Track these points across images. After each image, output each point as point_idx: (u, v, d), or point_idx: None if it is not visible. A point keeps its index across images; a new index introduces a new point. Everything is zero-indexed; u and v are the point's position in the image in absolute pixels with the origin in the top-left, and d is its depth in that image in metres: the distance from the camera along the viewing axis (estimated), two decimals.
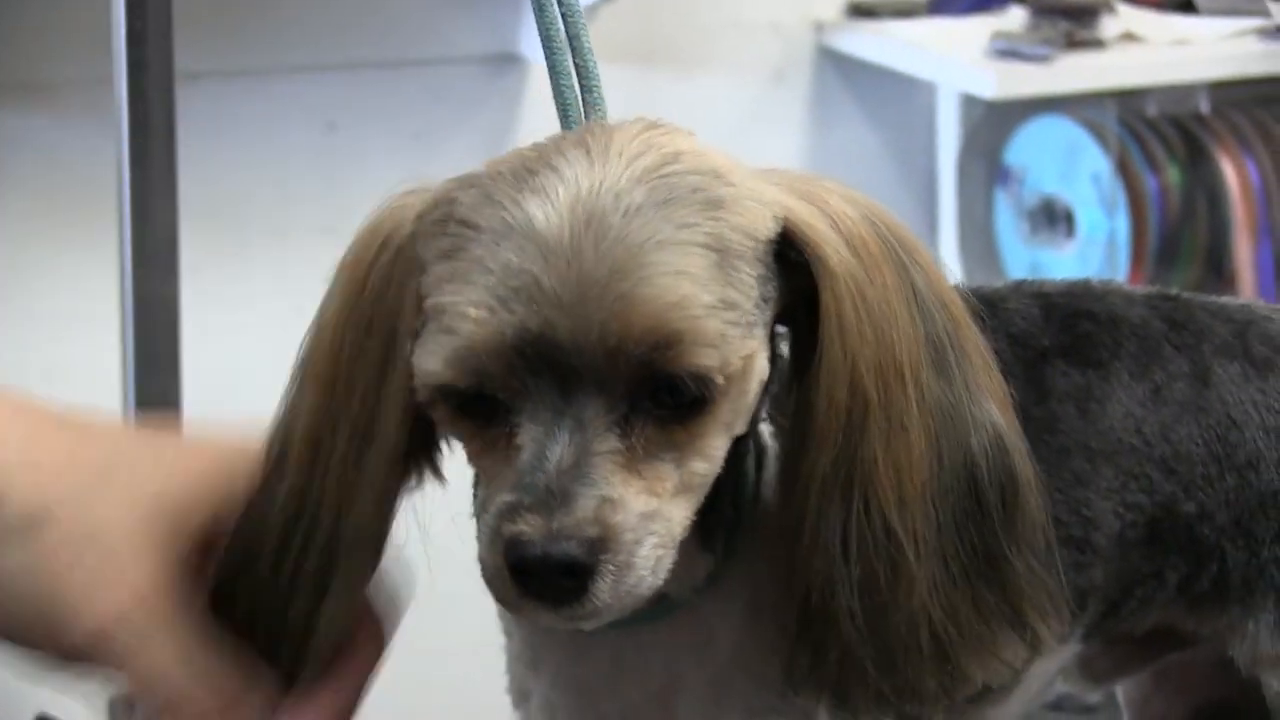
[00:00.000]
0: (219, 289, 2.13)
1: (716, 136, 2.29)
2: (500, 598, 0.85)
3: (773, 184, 0.88)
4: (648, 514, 0.84)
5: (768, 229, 0.86)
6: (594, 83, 0.93)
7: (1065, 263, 2.59)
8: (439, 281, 0.84)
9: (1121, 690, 1.31)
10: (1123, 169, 2.56)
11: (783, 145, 2.61)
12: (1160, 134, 2.59)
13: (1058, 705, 1.90)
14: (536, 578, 0.83)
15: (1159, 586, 1.09)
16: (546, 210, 0.82)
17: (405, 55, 2.34)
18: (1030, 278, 1.10)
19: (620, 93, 0.98)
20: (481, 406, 0.85)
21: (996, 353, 0.94)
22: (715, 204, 0.84)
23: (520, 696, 1.04)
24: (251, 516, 0.89)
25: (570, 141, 0.86)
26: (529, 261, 0.82)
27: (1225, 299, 1.12)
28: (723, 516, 0.91)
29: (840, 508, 0.88)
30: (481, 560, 0.85)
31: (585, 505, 0.82)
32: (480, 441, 0.86)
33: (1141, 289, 1.10)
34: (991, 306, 1.03)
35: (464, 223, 0.84)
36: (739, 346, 0.85)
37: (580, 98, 0.94)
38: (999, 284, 1.07)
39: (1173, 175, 2.58)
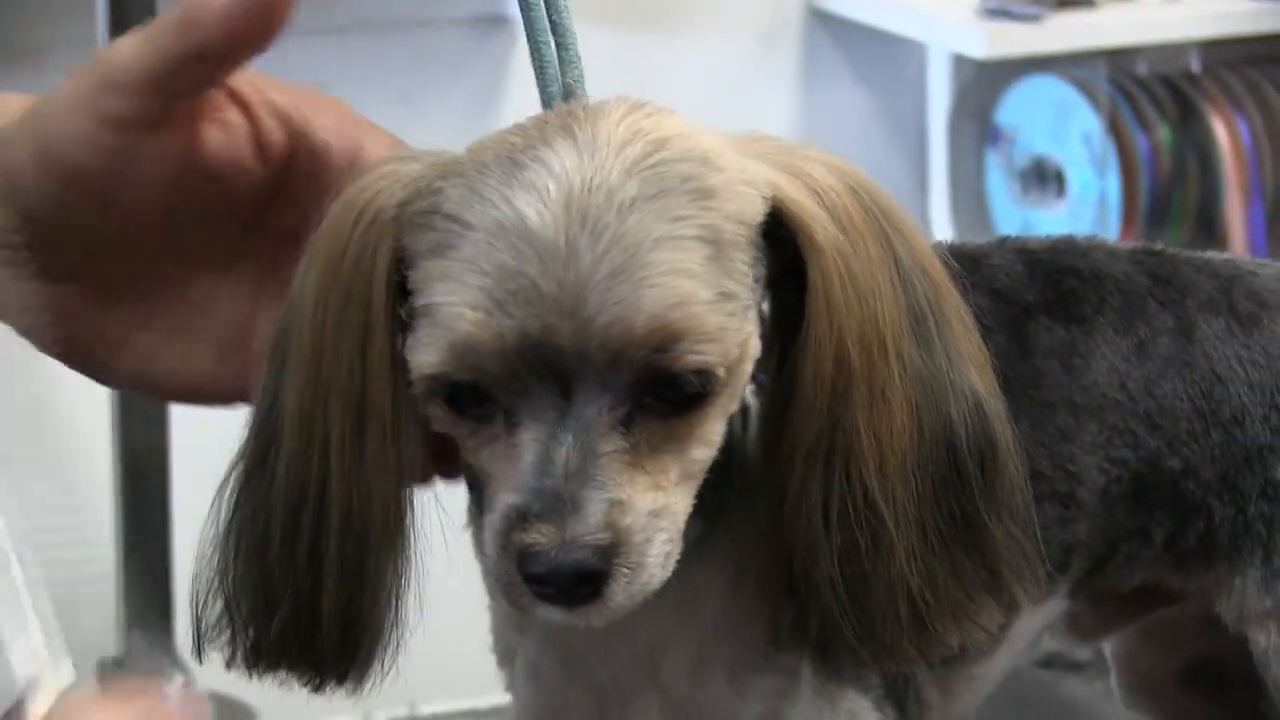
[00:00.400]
0: None
1: (705, 99, 2.29)
2: (512, 603, 0.85)
3: (758, 159, 0.87)
4: (655, 511, 0.84)
5: (758, 212, 0.85)
6: (569, 40, 0.92)
7: (1056, 223, 2.59)
8: (429, 279, 0.83)
9: (1109, 646, 1.31)
10: (1114, 129, 2.56)
11: (772, 107, 2.60)
12: (1151, 93, 2.58)
13: (1047, 662, 1.91)
14: (551, 585, 0.83)
15: (1145, 543, 1.09)
16: (539, 209, 0.81)
17: (393, 17, 2.34)
18: (1015, 235, 1.10)
19: (608, 55, 0.98)
20: (479, 404, 0.84)
21: (979, 309, 0.94)
22: (707, 194, 0.84)
23: (505, 657, 1.04)
24: (251, 496, 0.89)
25: (554, 127, 0.85)
26: (525, 264, 0.81)
27: (1210, 254, 1.12)
28: (711, 481, 0.91)
29: (823, 478, 0.88)
30: (491, 564, 0.85)
31: (595, 511, 0.82)
32: (478, 439, 0.85)
33: (1126, 244, 1.10)
34: (974, 263, 1.03)
35: (451, 218, 0.83)
36: (736, 335, 0.85)
37: (557, 56, 0.93)
38: (982, 241, 1.07)
39: (1164, 135, 2.58)
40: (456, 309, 0.81)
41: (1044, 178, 2.63)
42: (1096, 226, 2.53)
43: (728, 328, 0.84)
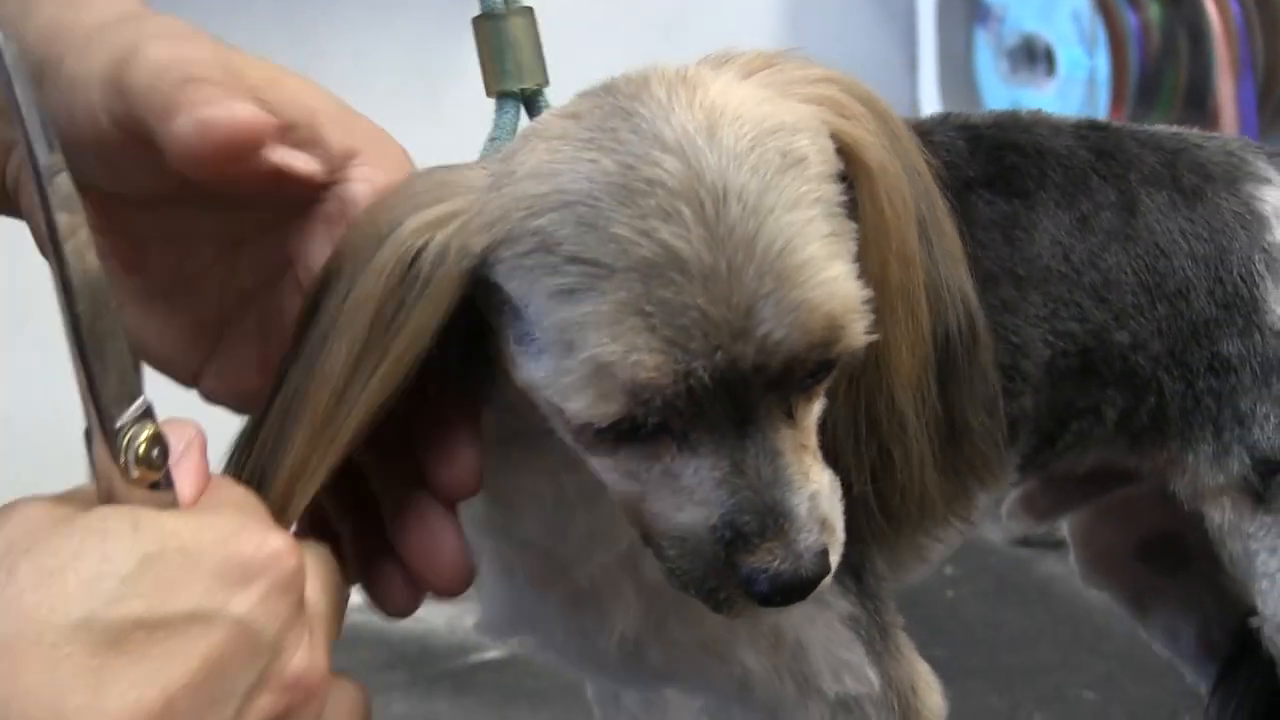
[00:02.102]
0: None
1: None
2: (717, 609, 0.84)
3: (795, 99, 0.84)
4: (831, 484, 0.84)
5: (834, 159, 0.84)
6: None
7: (1045, 102, 2.57)
8: (568, 326, 0.79)
9: (1067, 524, 1.32)
10: (1103, 6, 2.54)
11: None
12: None
13: (1025, 541, 1.92)
14: (780, 598, 0.82)
15: (1097, 422, 1.09)
16: (683, 235, 0.78)
17: None
18: (959, 111, 1.09)
19: None
20: (639, 433, 0.82)
21: None
22: (803, 161, 0.81)
23: None
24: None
25: (630, 131, 0.81)
26: (689, 295, 0.78)
27: (1159, 127, 1.11)
28: None
29: (864, 395, 0.88)
30: (691, 577, 0.84)
31: (808, 516, 0.82)
32: (638, 466, 0.84)
33: (1071, 119, 1.09)
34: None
35: (578, 260, 0.79)
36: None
37: None
38: (925, 117, 1.07)
39: (1154, 12, 2.55)
40: (631, 356, 0.78)
41: (1033, 56, 2.61)
42: (1085, 105, 2.52)
43: (862, 293, 0.82)
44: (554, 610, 1.00)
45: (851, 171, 0.84)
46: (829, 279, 0.80)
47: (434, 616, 1.87)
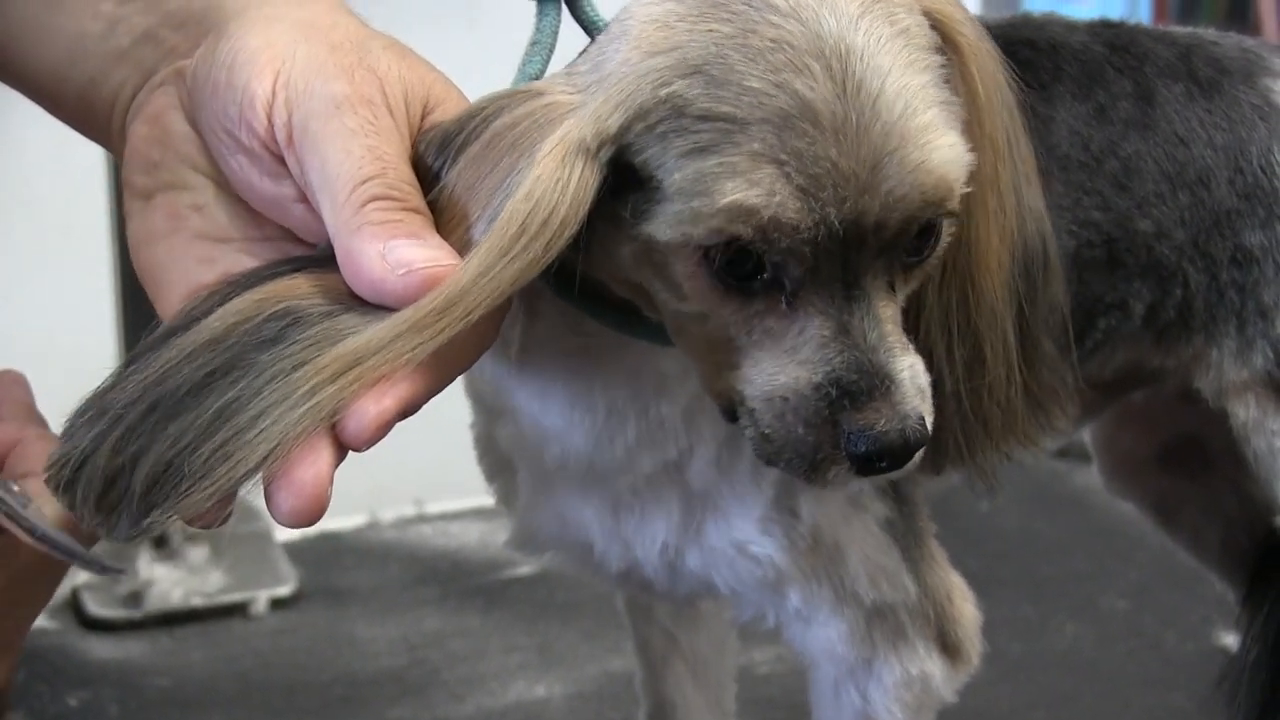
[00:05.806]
0: None
1: None
2: (810, 476, 0.84)
3: None
4: (920, 360, 0.84)
5: (933, 36, 0.85)
6: None
7: (1087, 13, 2.54)
8: (701, 176, 0.80)
9: (1089, 432, 1.32)
10: None
11: None
12: None
13: (1061, 453, 1.91)
14: (886, 460, 0.83)
15: (1125, 317, 1.09)
16: (815, 88, 0.80)
17: None
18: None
19: None
20: (745, 280, 0.83)
21: None
22: (906, 31, 0.83)
23: (496, 471, 1.04)
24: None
25: (741, 3, 0.82)
26: (820, 147, 0.79)
27: (1173, 27, 1.12)
28: None
29: (956, 286, 0.88)
30: (787, 441, 0.84)
31: (911, 383, 0.82)
32: (743, 314, 0.84)
33: (1086, 19, 1.10)
34: None
35: (711, 117, 0.80)
36: None
37: None
38: None
39: None
40: (772, 198, 0.79)
41: None
42: (1127, 16, 2.49)
43: (969, 159, 0.83)
44: (594, 519, 1.00)
45: (956, 55, 0.85)
46: (946, 143, 0.81)
47: (466, 532, 1.87)
